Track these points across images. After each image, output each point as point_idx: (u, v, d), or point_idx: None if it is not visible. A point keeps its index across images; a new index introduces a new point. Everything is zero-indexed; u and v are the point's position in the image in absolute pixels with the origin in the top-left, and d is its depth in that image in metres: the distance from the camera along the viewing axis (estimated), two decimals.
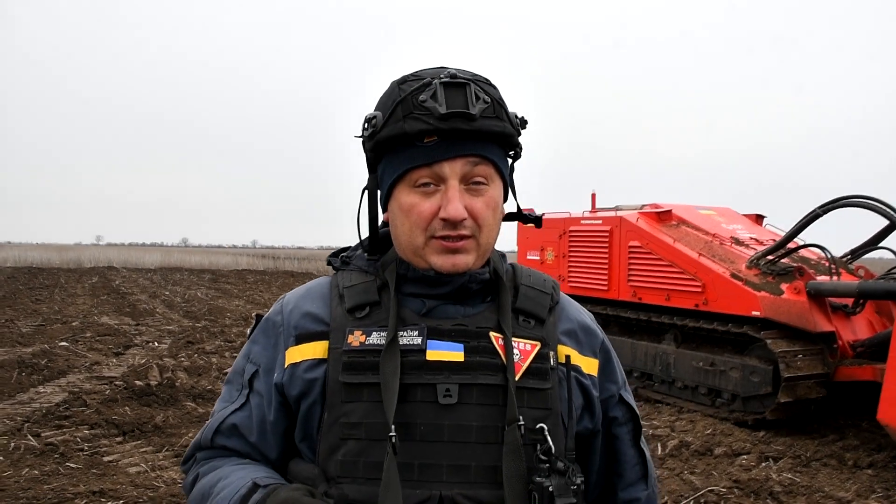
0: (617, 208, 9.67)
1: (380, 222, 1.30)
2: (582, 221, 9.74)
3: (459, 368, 1.18)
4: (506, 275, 1.30)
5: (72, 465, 5.55)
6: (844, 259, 7.84)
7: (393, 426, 1.10)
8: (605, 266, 9.16)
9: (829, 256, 7.39)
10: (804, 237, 7.55)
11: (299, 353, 1.22)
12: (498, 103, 1.20)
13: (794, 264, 7.31)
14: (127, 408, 7.19)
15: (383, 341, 1.18)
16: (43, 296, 20.79)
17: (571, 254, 9.83)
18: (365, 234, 1.30)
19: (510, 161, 1.28)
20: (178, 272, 37.97)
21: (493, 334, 1.21)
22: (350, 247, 1.39)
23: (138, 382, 8.07)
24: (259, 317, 1.35)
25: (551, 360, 1.23)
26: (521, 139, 1.26)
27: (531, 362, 1.20)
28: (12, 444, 5.96)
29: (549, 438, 1.15)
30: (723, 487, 5.30)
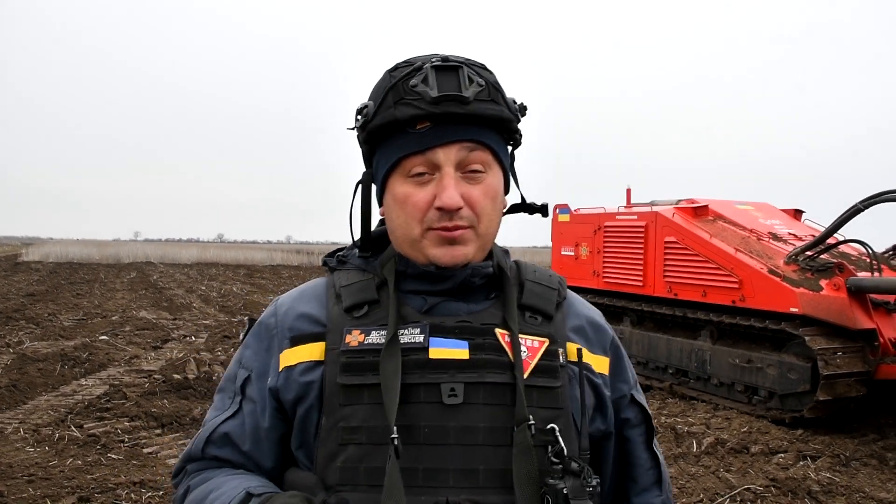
0: (652, 203, 9.57)
1: (377, 218, 1.26)
2: (617, 217, 9.67)
3: (465, 367, 1.11)
4: (510, 270, 1.25)
5: (113, 455, 5.69)
6: (886, 255, 7.68)
7: (395, 428, 1.03)
8: (641, 261, 9.07)
9: (870, 252, 7.24)
10: (844, 232, 7.42)
11: (294, 356, 1.16)
12: (493, 87, 1.14)
13: (834, 260, 7.17)
14: (165, 401, 7.35)
15: (383, 340, 1.11)
16: (83, 290, 21.26)
17: (606, 249, 9.76)
18: (358, 231, 1.25)
19: (510, 149, 1.23)
20: (213, 267, 38.51)
21: (498, 331, 1.15)
22: (346, 246, 1.33)
23: (176, 376, 8.25)
24: (252, 320, 1.29)
25: (560, 358, 1.17)
26: (520, 126, 1.21)
27: (539, 359, 1.14)
28: (56, 434, 6.13)
29: (560, 439, 1.08)
30: (759, 486, 5.24)
